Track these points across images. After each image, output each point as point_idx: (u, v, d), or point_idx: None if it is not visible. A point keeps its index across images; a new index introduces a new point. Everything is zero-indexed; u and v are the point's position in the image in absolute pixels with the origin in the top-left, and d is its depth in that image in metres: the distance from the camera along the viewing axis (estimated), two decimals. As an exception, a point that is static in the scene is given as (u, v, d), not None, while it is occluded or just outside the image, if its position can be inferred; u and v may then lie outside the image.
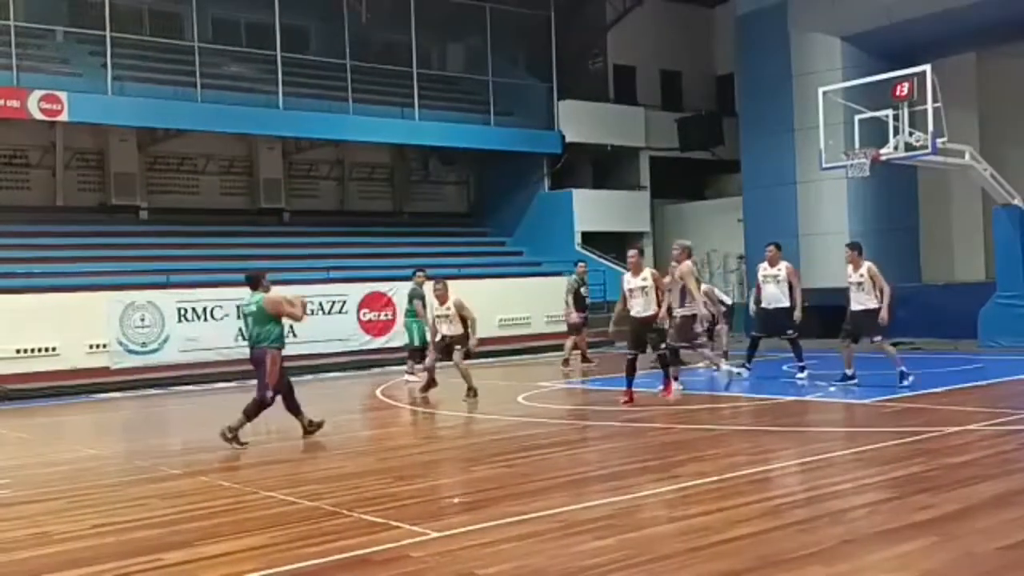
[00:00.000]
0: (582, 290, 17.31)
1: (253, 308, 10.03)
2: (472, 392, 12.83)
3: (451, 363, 12.97)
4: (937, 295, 19.41)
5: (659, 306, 11.58)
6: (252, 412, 9.87)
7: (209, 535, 6.18)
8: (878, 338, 12.01)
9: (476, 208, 27.50)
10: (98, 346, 16.93)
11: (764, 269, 13.69)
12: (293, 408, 10.25)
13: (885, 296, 11.92)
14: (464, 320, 12.82)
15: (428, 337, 13.86)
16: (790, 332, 13.29)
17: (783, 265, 13.54)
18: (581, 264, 18.62)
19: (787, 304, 13.32)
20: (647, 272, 11.73)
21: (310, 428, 10.25)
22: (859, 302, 12.12)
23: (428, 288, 13.87)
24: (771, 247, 13.80)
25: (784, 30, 22.52)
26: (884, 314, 11.82)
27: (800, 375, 13.09)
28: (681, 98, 28.06)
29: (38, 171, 21.05)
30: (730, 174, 25.73)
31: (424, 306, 14.59)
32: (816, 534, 5.57)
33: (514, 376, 14.10)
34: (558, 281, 21.98)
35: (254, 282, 10.23)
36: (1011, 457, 7.86)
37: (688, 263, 12.39)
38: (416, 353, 15.44)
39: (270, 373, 9.85)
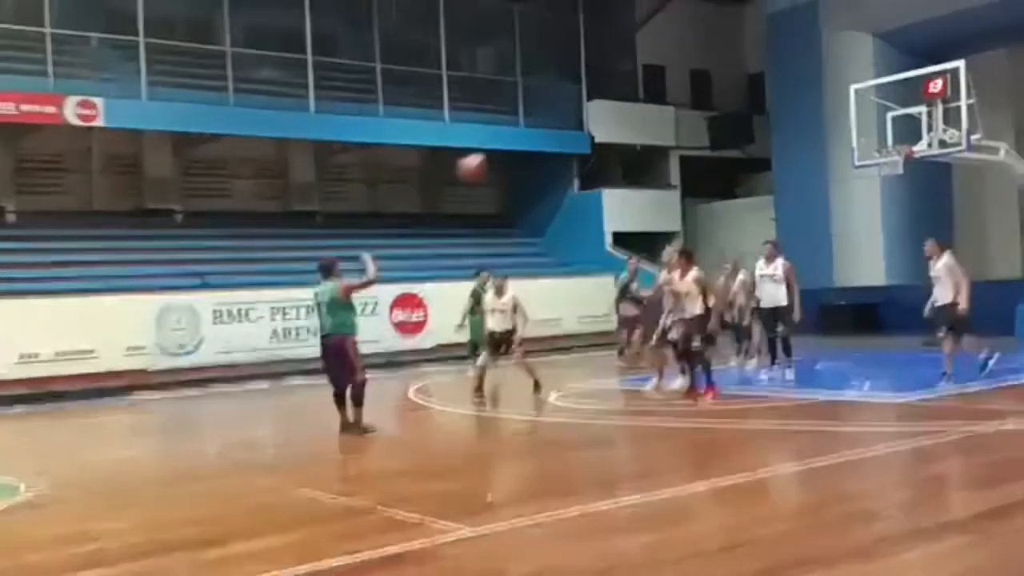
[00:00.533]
0: (633, 285, 17.00)
1: (328, 297, 10.12)
2: (537, 386, 12.79)
3: (501, 362, 12.94)
4: (974, 291, 19.13)
5: (707, 307, 11.53)
6: (360, 398, 10.08)
7: (245, 532, 6.25)
8: (942, 333, 11.83)
9: (506, 209, 27.52)
10: (136, 348, 17.16)
11: (760, 268, 13.17)
12: (357, 397, 10.16)
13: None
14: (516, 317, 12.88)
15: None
16: (779, 329, 13.00)
17: (779, 262, 12.98)
18: (632, 260, 18.27)
19: (784, 303, 12.83)
20: (694, 273, 11.64)
21: (354, 425, 10.11)
22: (939, 297, 11.94)
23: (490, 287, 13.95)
24: (769, 244, 13.39)
25: (815, 27, 22.38)
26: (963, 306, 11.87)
27: (782, 372, 13.01)
28: (711, 97, 27.96)
29: (74, 176, 21.31)
30: (761, 173, 25.60)
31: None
32: (852, 532, 5.54)
33: (546, 376, 14.11)
34: (589, 281, 21.96)
35: (327, 270, 10.33)
36: (1049, 455, 7.77)
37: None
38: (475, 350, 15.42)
39: (355, 356, 10.05)
